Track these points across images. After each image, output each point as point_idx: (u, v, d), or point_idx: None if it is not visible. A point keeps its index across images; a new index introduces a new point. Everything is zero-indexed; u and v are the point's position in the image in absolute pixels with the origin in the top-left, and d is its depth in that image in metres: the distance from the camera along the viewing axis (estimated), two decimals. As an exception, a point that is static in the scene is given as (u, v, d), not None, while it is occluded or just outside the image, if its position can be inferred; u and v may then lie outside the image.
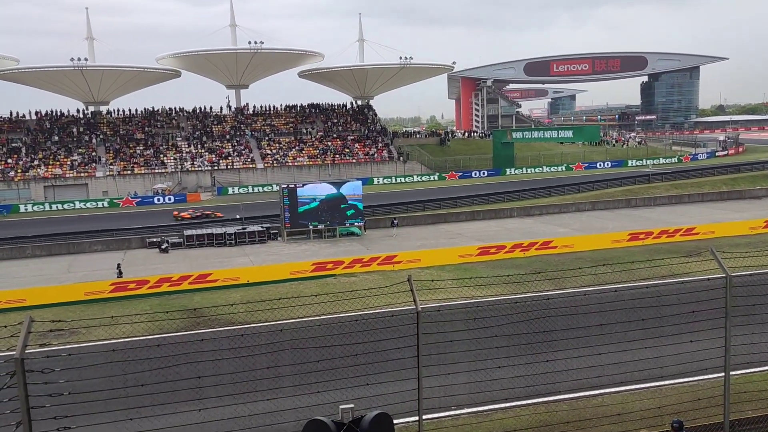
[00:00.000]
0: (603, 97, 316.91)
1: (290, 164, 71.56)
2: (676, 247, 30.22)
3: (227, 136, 75.12)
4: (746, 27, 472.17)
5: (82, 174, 65.23)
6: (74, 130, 72.21)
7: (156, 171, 67.33)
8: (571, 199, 47.74)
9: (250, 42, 75.64)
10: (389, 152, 76.57)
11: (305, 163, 72.07)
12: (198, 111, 79.68)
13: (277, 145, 74.67)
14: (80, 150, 68.84)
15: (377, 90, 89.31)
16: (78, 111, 76.98)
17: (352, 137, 78.46)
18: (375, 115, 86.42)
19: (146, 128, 74.78)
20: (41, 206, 58.27)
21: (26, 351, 7.07)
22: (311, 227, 37.94)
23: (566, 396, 13.16)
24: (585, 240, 32.57)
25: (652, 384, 13.31)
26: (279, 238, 38.28)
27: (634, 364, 13.31)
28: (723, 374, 10.32)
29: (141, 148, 70.72)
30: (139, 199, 60.12)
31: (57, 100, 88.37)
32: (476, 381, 11.85)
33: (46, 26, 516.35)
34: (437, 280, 19.05)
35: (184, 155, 70.56)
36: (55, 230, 41.62)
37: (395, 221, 39.92)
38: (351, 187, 38.62)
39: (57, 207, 58.10)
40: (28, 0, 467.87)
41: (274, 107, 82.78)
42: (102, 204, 58.99)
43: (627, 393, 13.36)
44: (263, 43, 75.89)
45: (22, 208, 57.36)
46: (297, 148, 74.47)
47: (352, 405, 4.92)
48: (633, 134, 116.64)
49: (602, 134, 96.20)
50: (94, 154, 68.53)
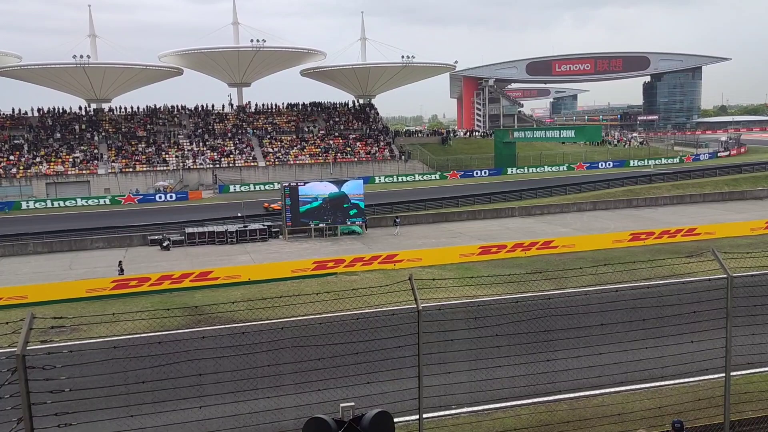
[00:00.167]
0: (605, 97, 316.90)
1: (292, 163, 71.57)
2: (678, 248, 30.22)
3: (229, 134, 75.15)
4: (749, 28, 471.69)
5: (84, 171, 65.29)
6: (76, 128, 72.29)
7: (158, 168, 67.39)
8: (573, 199, 47.74)
9: (253, 40, 75.64)
10: (391, 151, 76.56)
11: (307, 162, 72.09)
12: (200, 109, 79.72)
13: (279, 144, 74.69)
14: (82, 147, 68.89)
15: (379, 89, 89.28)
16: (80, 108, 77.09)
17: (354, 136, 78.45)
18: (377, 114, 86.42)
19: (148, 126, 74.83)
20: (43, 203, 58.38)
21: (28, 347, 7.09)
22: (312, 226, 37.98)
23: (566, 396, 13.16)
24: (586, 240, 32.59)
25: (653, 384, 13.31)
26: (280, 237, 38.32)
27: (635, 364, 13.31)
28: (724, 375, 10.32)
29: (143, 146, 70.78)
30: (141, 197, 60.19)
31: (59, 98, 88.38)
32: (476, 380, 11.86)
33: (49, 23, 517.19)
34: (438, 279, 19.04)
35: (186, 153, 70.60)
36: (57, 227, 41.70)
37: (397, 220, 39.94)
38: (352, 186, 38.63)
39: (59, 204, 58.19)
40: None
41: (276, 105, 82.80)
42: (104, 201, 59.08)
43: (627, 393, 13.36)
44: (265, 42, 75.87)
45: (24, 205, 57.47)
46: (299, 147, 74.48)
47: (353, 403, 4.94)
48: (635, 134, 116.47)
49: (604, 134, 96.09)
50: (96, 152, 68.60)
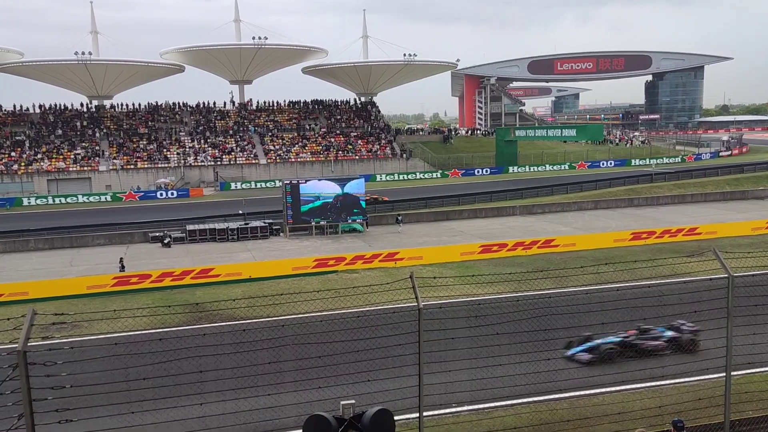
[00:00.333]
0: (607, 96, 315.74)
1: (293, 160, 71.58)
2: (679, 247, 30.19)
3: (230, 132, 75.15)
4: (751, 27, 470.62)
5: (86, 168, 65.34)
6: (78, 124, 72.31)
7: (159, 165, 67.42)
8: (574, 198, 47.71)
9: (254, 37, 75.57)
10: (392, 149, 76.54)
11: (308, 160, 72.08)
12: (201, 106, 79.72)
13: (280, 141, 74.69)
14: (84, 144, 68.93)
15: (381, 87, 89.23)
16: (82, 105, 77.07)
17: (356, 134, 78.43)
18: (378, 112, 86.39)
19: (150, 123, 74.85)
20: (44, 200, 58.42)
21: (29, 344, 7.09)
22: (314, 223, 37.97)
23: (566, 394, 13.16)
24: (587, 239, 32.55)
25: (653, 383, 13.32)
26: (281, 234, 38.32)
27: (635, 363, 13.32)
28: (724, 374, 10.32)
29: (144, 143, 70.81)
30: (142, 194, 60.21)
31: (61, 94, 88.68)
32: (477, 378, 11.85)
33: (51, 19, 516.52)
34: (439, 278, 19.07)
35: (187, 150, 70.61)
36: (58, 224, 41.72)
37: (400, 218, 39.89)
38: (353, 185, 38.59)
39: (60, 201, 58.24)
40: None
41: (278, 103, 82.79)
42: (105, 198, 59.12)
43: (627, 392, 13.36)
44: (267, 39, 75.86)
45: (25, 202, 57.52)
46: (300, 144, 74.46)
47: (353, 401, 4.94)
48: (636, 133, 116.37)
49: (605, 133, 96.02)
50: (98, 148, 68.63)
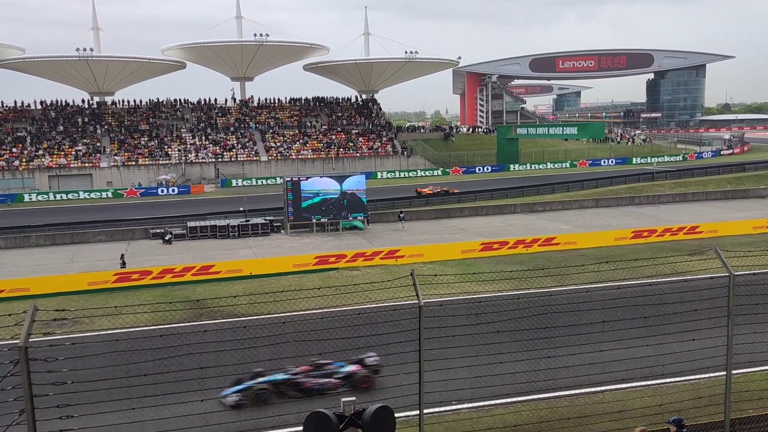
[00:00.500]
0: (608, 94, 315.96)
1: (294, 157, 71.58)
2: (680, 246, 30.17)
3: (231, 129, 75.14)
4: (753, 26, 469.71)
5: (87, 164, 65.37)
6: (79, 120, 72.32)
7: (160, 162, 67.44)
8: (575, 196, 47.70)
9: (256, 34, 75.57)
10: (393, 147, 76.51)
11: (309, 157, 72.07)
12: (203, 103, 79.69)
13: (282, 138, 74.67)
14: (85, 140, 68.95)
15: (382, 84, 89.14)
16: (83, 101, 77.07)
17: (357, 131, 78.40)
18: (379, 109, 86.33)
19: (151, 119, 74.84)
20: (45, 196, 58.46)
21: (30, 339, 7.10)
22: (314, 220, 37.99)
23: (567, 392, 13.17)
24: (588, 237, 32.53)
25: (654, 381, 13.32)
26: (282, 231, 38.34)
27: (636, 362, 13.31)
28: (724, 373, 10.32)
29: (145, 139, 70.81)
30: (143, 190, 60.23)
31: (62, 90, 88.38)
32: (477, 376, 11.86)
33: (52, 16, 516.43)
34: (440, 275, 19.09)
35: (189, 147, 70.63)
36: (59, 220, 41.75)
37: (402, 215, 39.88)
38: (354, 182, 38.60)
39: (61, 197, 58.29)
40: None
41: (279, 100, 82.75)
42: (106, 194, 59.15)
43: (628, 390, 13.37)
44: (269, 36, 75.80)
45: (27, 198, 57.56)
46: (301, 142, 74.45)
47: (354, 398, 4.94)
48: (638, 132, 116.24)
49: (607, 131, 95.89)
50: (99, 145, 68.65)
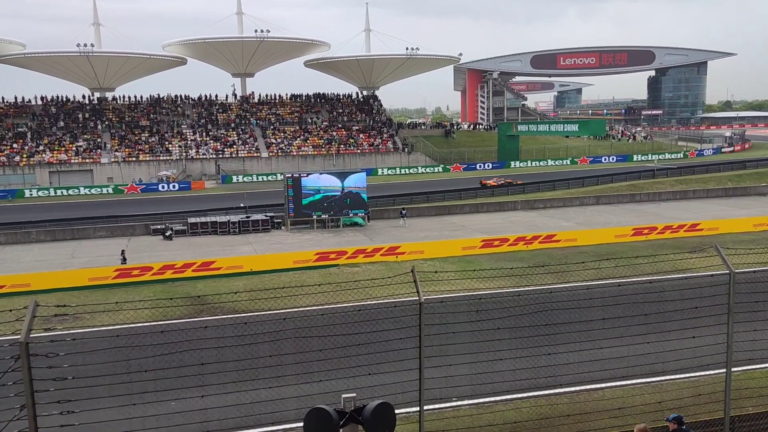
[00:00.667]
0: (609, 91, 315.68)
1: (295, 154, 71.55)
2: (680, 243, 30.17)
3: (232, 125, 75.10)
4: (755, 24, 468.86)
5: (87, 160, 65.36)
6: (80, 116, 72.28)
7: (161, 158, 67.42)
8: (576, 193, 47.67)
9: (257, 30, 75.49)
10: (394, 143, 76.46)
11: (310, 153, 72.04)
12: (203, 99, 79.62)
13: (282, 135, 74.62)
14: (85, 136, 68.92)
15: (383, 80, 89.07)
16: (84, 97, 77.04)
17: (357, 127, 78.34)
18: (380, 106, 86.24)
19: (151, 115, 74.79)
20: (46, 191, 58.47)
21: (31, 335, 7.11)
22: (315, 217, 38.00)
23: (567, 389, 13.20)
24: (588, 234, 32.54)
25: (654, 379, 13.34)
26: (282, 227, 38.35)
27: (636, 359, 13.33)
28: (725, 370, 10.32)
29: (146, 135, 70.78)
30: (144, 186, 60.24)
31: (63, 86, 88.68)
32: (478, 373, 11.89)
33: (53, 11, 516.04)
34: (440, 272, 19.08)
35: (189, 143, 70.59)
36: (60, 216, 41.78)
37: (404, 211, 39.89)
38: (355, 178, 38.60)
39: (62, 193, 58.28)
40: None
41: (280, 96, 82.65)
42: (107, 190, 59.15)
43: (628, 387, 13.38)
44: (269, 32, 75.74)
45: (27, 193, 57.58)
46: (302, 138, 74.41)
47: (354, 394, 4.94)
48: (639, 129, 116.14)
49: (608, 128, 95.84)
50: (100, 141, 68.62)
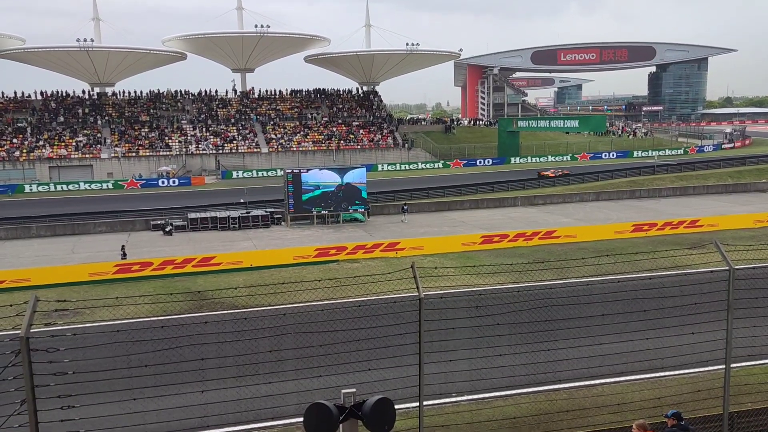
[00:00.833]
0: (610, 87, 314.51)
1: (295, 149, 71.49)
2: (680, 239, 30.21)
3: (232, 120, 75.03)
4: (756, 19, 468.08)
5: (87, 155, 65.32)
6: (80, 111, 72.21)
7: (161, 153, 67.39)
8: (575, 189, 47.68)
9: (257, 25, 75.31)
10: (394, 139, 76.40)
11: (310, 149, 71.99)
12: (203, 94, 79.54)
13: (282, 130, 74.57)
14: (85, 131, 68.87)
15: (383, 76, 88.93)
16: (84, 92, 76.94)
17: (357, 123, 78.27)
18: (380, 102, 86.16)
19: (151, 110, 74.72)
20: (46, 187, 58.45)
21: (31, 330, 7.12)
22: (315, 212, 38.00)
23: (566, 385, 13.22)
24: (588, 230, 32.56)
25: (653, 375, 13.36)
26: (282, 223, 38.36)
27: (635, 355, 13.34)
28: (723, 366, 10.34)
29: (146, 131, 70.73)
30: (144, 182, 60.22)
31: (63, 81, 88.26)
32: (477, 368, 11.88)
33: (52, 6, 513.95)
34: (440, 268, 19.09)
35: (189, 138, 70.54)
36: (60, 211, 41.77)
37: (405, 207, 39.90)
38: (355, 174, 38.59)
39: (62, 188, 58.28)
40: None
41: (280, 92, 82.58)
42: (106, 186, 59.14)
43: (627, 383, 13.41)
44: (269, 27, 75.54)
45: (27, 188, 57.56)
46: (302, 134, 74.35)
47: (354, 389, 4.95)
48: (639, 125, 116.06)
49: (608, 125, 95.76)
50: (99, 136, 68.57)
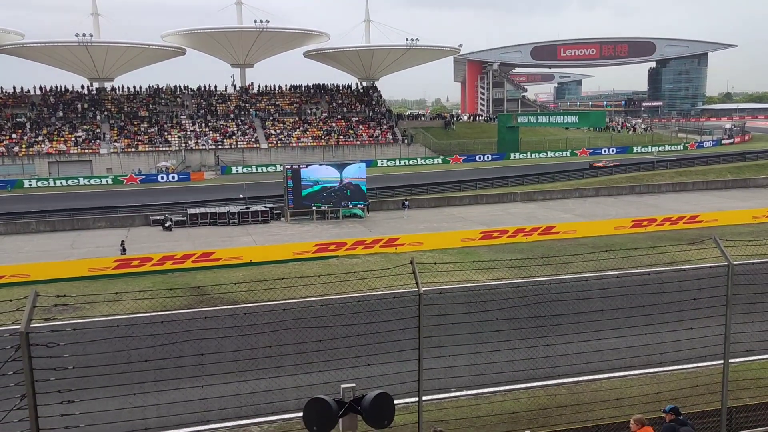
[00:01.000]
0: (610, 83, 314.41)
1: (294, 145, 71.43)
2: (679, 235, 30.21)
3: (231, 116, 74.93)
4: (756, 15, 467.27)
5: (87, 150, 65.24)
6: (79, 107, 72.10)
7: (160, 149, 67.31)
8: (575, 185, 47.67)
9: (256, 21, 75.17)
10: (393, 134, 76.34)
11: (309, 144, 71.93)
12: (203, 89, 79.40)
13: (282, 126, 74.48)
14: (84, 126, 68.77)
15: (383, 71, 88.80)
16: (83, 87, 76.80)
17: (357, 119, 78.20)
18: (380, 97, 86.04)
19: (150, 106, 74.60)
20: (45, 182, 58.41)
21: (31, 325, 7.13)
22: (314, 208, 38.00)
23: (565, 380, 13.26)
24: (588, 226, 32.56)
25: (651, 370, 13.40)
26: (282, 219, 38.36)
27: (634, 350, 13.38)
28: (722, 362, 10.36)
29: (145, 126, 70.63)
30: (143, 177, 60.17)
31: (62, 76, 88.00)
32: (476, 363, 11.94)
33: (52, 1, 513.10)
34: (439, 263, 19.12)
35: (189, 134, 70.46)
36: (59, 206, 41.76)
37: (407, 203, 39.89)
38: (355, 170, 38.57)
39: (61, 183, 58.23)
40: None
41: (279, 87, 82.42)
42: (106, 181, 59.10)
43: (626, 378, 13.44)
44: (269, 22, 75.41)
45: (26, 184, 57.51)
46: (301, 129, 74.28)
47: (354, 384, 4.97)
48: (639, 121, 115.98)
49: (608, 120, 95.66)
50: (99, 131, 68.48)
